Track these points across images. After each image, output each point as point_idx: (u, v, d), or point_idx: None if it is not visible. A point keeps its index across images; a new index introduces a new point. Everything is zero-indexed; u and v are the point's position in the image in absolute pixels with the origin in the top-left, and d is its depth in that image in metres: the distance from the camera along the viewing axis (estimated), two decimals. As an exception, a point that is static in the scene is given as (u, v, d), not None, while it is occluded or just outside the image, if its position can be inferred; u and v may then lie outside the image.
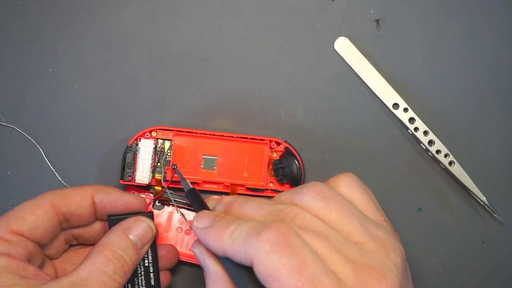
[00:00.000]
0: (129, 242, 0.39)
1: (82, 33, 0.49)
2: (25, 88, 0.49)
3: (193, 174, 0.46)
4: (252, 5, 0.50)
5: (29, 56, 0.49)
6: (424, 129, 0.49)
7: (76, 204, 0.40)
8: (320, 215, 0.33)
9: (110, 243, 0.38)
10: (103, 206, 0.41)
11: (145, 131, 0.47)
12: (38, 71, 0.49)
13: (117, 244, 0.38)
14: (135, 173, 0.46)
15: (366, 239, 0.32)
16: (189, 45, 0.50)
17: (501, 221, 0.49)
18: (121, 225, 0.40)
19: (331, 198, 0.33)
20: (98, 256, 0.37)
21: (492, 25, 0.50)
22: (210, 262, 0.35)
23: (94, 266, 0.37)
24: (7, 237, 0.37)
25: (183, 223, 0.47)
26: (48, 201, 0.39)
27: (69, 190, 0.40)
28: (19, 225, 0.37)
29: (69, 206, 0.39)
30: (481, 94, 0.50)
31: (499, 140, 0.50)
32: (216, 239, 0.33)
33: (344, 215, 0.33)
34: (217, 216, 0.35)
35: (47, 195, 0.39)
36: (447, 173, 0.49)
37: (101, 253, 0.37)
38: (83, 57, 0.49)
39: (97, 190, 0.41)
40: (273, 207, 0.34)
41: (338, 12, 0.50)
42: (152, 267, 0.42)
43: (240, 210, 0.36)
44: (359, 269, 0.30)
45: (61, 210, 0.39)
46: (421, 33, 0.50)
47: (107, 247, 0.38)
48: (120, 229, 0.39)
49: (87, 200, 0.40)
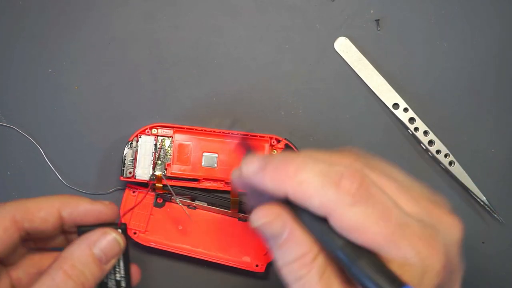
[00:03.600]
0: (91, 257, 0.36)
1: (82, 33, 0.49)
2: (25, 88, 0.49)
3: (194, 171, 0.46)
4: (252, 5, 0.50)
5: (29, 56, 0.49)
6: (424, 129, 0.49)
7: (41, 220, 0.36)
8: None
9: (72, 257, 0.35)
10: (73, 219, 0.38)
11: (146, 127, 0.47)
12: (38, 71, 0.49)
13: (79, 259, 0.35)
14: (136, 169, 0.46)
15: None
16: (189, 45, 0.50)
17: (501, 221, 0.49)
18: (86, 237, 0.37)
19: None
20: (57, 272, 0.34)
21: (492, 25, 0.50)
22: (286, 217, 0.31)
23: (53, 282, 0.34)
24: None
25: (182, 223, 0.47)
26: (9, 217, 0.35)
27: (33, 204, 0.37)
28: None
29: (32, 222, 0.36)
30: (481, 94, 0.50)
31: (499, 140, 0.50)
32: (276, 178, 0.30)
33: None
34: (270, 156, 0.32)
35: (8, 209, 0.36)
36: (447, 173, 0.49)
37: (61, 268, 0.35)
38: (83, 57, 0.49)
39: (65, 203, 0.37)
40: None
41: (338, 12, 0.50)
42: (124, 281, 0.40)
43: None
44: (431, 208, 0.31)
45: (23, 226, 0.36)
46: (421, 33, 0.50)
47: (67, 262, 0.35)
48: (83, 242, 0.36)
49: (53, 215, 0.37)
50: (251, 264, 0.46)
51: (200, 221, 0.47)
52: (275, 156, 0.32)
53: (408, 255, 0.29)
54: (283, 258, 0.31)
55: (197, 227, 0.47)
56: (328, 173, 0.30)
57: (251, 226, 0.32)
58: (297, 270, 0.31)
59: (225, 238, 0.46)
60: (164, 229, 0.46)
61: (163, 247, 0.46)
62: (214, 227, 0.47)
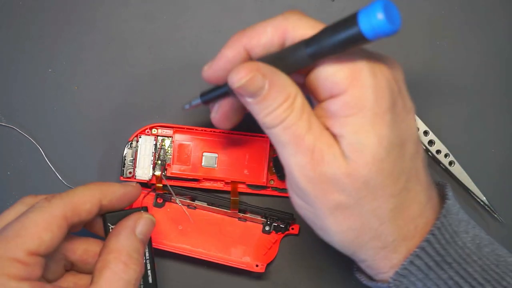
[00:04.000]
0: (139, 242, 0.38)
1: (82, 33, 0.49)
2: (25, 88, 0.49)
3: (194, 171, 0.46)
4: (252, 5, 0.50)
5: (29, 56, 0.49)
6: (424, 129, 0.49)
7: (87, 213, 0.38)
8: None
9: (124, 247, 0.37)
10: (111, 205, 0.39)
11: (146, 127, 0.47)
12: (38, 71, 0.49)
13: (131, 248, 0.37)
14: (136, 169, 0.46)
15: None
16: (189, 45, 0.50)
17: (501, 220, 0.49)
18: (127, 225, 0.39)
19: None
20: (117, 264, 0.36)
21: (492, 25, 0.50)
22: (265, 68, 0.34)
23: (115, 275, 0.36)
24: (26, 260, 0.34)
25: (182, 223, 0.47)
26: (60, 215, 0.36)
27: (78, 197, 0.38)
28: (36, 245, 0.35)
29: (79, 216, 0.37)
30: (481, 94, 0.50)
31: (499, 140, 0.50)
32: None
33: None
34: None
35: (59, 206, 0.36)
36: (447, 173, 0.49)
37: (119, 260, 0.36)
38: (83, 57, 0.49)
39: (103, 192, 0.39)
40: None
41: (338, 12, 0.50)
42: (149, 264, 0.41)
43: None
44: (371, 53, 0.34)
45: (72, 222, 0.37)
46: (421, 33, 0.50)
47: (122, 253, 0.37)
48: (128, 231, 0.38)
49: (96, 206, 0.39)
50: (251, 264, 0.46)
51: (200, 221, 0.47)
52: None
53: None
54: (266, 108, 0.34)
55: (197, 227, 0.47)
56: (272, 18, 0.36)
57: (232, 86, 0.34)
58: (280, 114, 0.33)
59: (225, 238, 0.46)
60: (164, 229, 0.46)
61: (163, 247, 0.46)
62: (214, 227, 0.47)
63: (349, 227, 0.35)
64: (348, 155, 0.33)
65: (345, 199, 0.34)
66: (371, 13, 0.29)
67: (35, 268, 0.35)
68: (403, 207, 0.35)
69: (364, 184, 0.33)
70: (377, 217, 0.34)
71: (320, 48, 0.32)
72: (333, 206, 0.34)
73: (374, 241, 0.35)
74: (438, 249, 0.35)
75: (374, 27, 0.29)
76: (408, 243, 0.35)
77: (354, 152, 0.33)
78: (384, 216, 0.34)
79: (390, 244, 0.35)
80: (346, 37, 0.31)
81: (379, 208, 0.34)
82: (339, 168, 0.33)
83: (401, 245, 0.35)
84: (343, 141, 0.33)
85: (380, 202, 0.34)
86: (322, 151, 0.33)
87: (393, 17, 0.30)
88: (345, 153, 0.33)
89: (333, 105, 0.33)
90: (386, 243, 0.35)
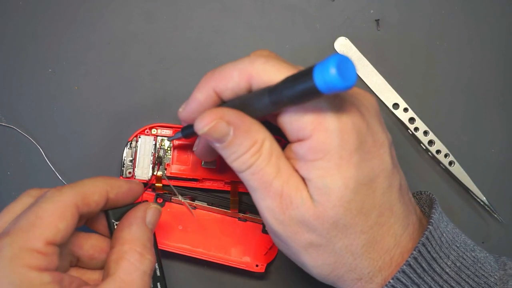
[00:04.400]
0: (150, 232, 0.39)
1: (82, 33, 0.49)
2: (25, 88, 0.49)
3: (193, 171, 0.46)
4: (252, 5, 0.50)
5: (29, 56, 0.49)
6: (424, 129, 0.49)
7: (95, 204, 0.38)
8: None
9: (139, 237, 0.37)
10: (116, 200, 0.39)
11: (145, 127, 0.47)
12: (38, 71, 0.49)
13: (145, 238, 0.38)
14: (135, 169, 0.46)
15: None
16: (189, 45, 0.50)
17: (501, 221, 0.49)
18: (137, 215, 0.39)
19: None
20: (133, 254, 0.36)
21: (492, 25, 0.50)
22: (229, 116, 0.35)
23: (132, 266, 0.36)
24: (44, 250, 0.34)
25: (183, 223, 0.47)
26: (73, 204, 0.36)
27: (88, 188, 0.37)
28: (53, 234, 0.34)
29: (89, 206, 0.37)
30: (481, 94, 0.50)
31: (499, 140, 0.50)
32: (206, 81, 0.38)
33: None
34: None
35: (71, 195, 0.36)
36: (447, 173, 0.49)
37: (134, 250, 0.36)
38: (83, 57, 0.49)
39: (110, 185, 0.39)
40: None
41: (338, 12, 0.50)
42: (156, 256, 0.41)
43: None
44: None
45: (82, 211, 0.37)
46: (421, 33, 0.50)
47: (137, 243, 0.37)
48: (139, 221, 0.39)
49: (104, 198, 0.39)
50: (251, 264, 0.46)
51: (200, 221, 0.47)
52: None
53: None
54: (234, 153, 0.35)
55: (197, 227, 0.47)
56: (240, 60, 0.36)
57: (198, 133, 0.35)
58: (247, 159, 0.34)
59: (225, 238, 0.46)
60: (164, 229, 0.46)
61: (163, 247, 0.46)
62: (214, 227, 0.47)
63: (323, 262, 0.36)
64: (316, 198, 0.34)
65: (316, 238, 0.35)
66: (325, 68, 0.29)
67: (53, 258, 0.34)
68: (375, 241, 0.35)
69: (333, 224, 0.34)
70: (350, 252, 0.35)
71: (281, 98, 0.32)
72: (306, 245, 0.35)
73: (350, 273, 0.36)
74: (413, 278, 0.35)
75: (327, 82, 0.29)
76: (384, 273, 0.36)
77: (321, 196, 0.34)
78: (357, 252, 0.35)
79: (366, 276, 0.36)
80: (303, 90, 0.31)
81: (351, 245, 0.35)
82: (307, 211, 0.34)
83: (377, 275, 0.36)
84: (310, 185, 0.34)
85: (351, 239, 0.35)
86: (290, 195, 0.34)
87: (348, 73, 0.29)
88: (313, 197, 0.34)
89: (300, 149, 0.34)
90: (361, 275, 0.36)
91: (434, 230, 0.36)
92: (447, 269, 0.36)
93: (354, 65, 0.29)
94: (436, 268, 0.36)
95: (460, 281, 0.36)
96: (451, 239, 0.37)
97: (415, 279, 0.35)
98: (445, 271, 0.36)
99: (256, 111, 0.35)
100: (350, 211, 0.34)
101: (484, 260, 0.38)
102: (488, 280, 0.37)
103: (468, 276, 0.37)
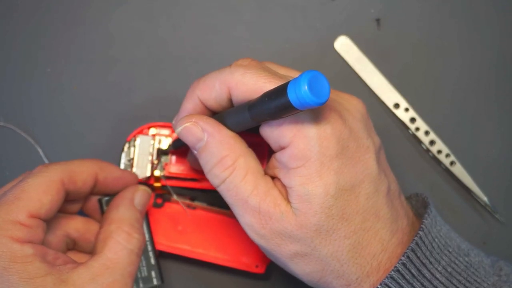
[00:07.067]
0: (138, 213, 0.39)
1: (81, 33, 0.49)
2: (24, 88, 0.49)
3: (193, 171, 0.46)
4: (252, 5, 0.50)
5: (28, 55, 0.49)
6: (425, 129, 0.48)
7: (82, 182, 0.38)
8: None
9: (125, 217, 0.38)
10: (105, 184, 0.40)
11: (144, 127, 0.46)
12: (37, 71, 0.49)
13: (132, 217, 0.38)
14: (133, 169, 0.46)
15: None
16: (189, 45, 0.49)
17: (502, 221, 0.49)
18: (125, 196, 0.39)
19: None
20: (120, 233, 0.37)
21: (492, 25, 0.50)
22: (205, 123, 0.36)
23: (119, 245, 0.36)
24: (27, 222, 0.34)
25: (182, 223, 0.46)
26: (59, 179, 0.37)
27: (76, 166, 0.38)
28: (37, 208, 0.35)
29: (75, 184, 0.38)
30: (482, 94, 0.50)
31: (500, 140, 0.49)
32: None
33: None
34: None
35: (57, 171, 0.37)
36: (448, 173, 0.49)
37: (121, 229, 0.37)
38: (83, 57, 0.49)
39: (101, 168, 0.40)
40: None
41: (339, 11, 0.50)
42: (149, 245, 0.41)
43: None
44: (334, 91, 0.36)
45: (68, 188, 0.37)
46: (421, 33, 0.50)
47: (124, 223, 0.37)
48: (127, 201, 0.39)
49: (92, 178, 0.39)
50: (251, 264, 0.46)
51: (200, 221, 0.47)
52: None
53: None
54: (207, 163, 0.35)
55: (196, 227, 0.46)
56: (221, 70, 0.37)
57: (175, 134, 0.36)
58: (220, 173, 0.35)
59: (225, 239, 0.46)
60: (163, 230, 0.46)
61: (163, 247, 0.45)
62: (214, 227, 0.46)
63: (311, 270, 0.36)
64: (296, 206, 0.34)
65: (301, 248, 0.35)
66: (297, 85, 0.30)
67: (37, 231, 0.35)
68: (361, 247, 0.35)
69: (316, 232, 0.34)
70: (337, 259, 0.35)
71: (260, 114, 0.33)
72: (291, 255, 0.35)
73: (339, 279, 0.36)
74: (402, 283, 0.35)
75: (299, 98, 0.29)
76: (372, 279, 0.36)
77: (302, 203, 0.34)
78: (343, 258, 0.35)
79: (354, 282, 0.36)
80: (279, 106, 0.31)
81: (336, 252, 0.35)
82: (289, 223, 0.34)
83: (365, 281, 0.36)
84: (292, 193, 0.34)
85: (336, 245, 0.35)
86: (268, 212, 0.34)
87: (321, 89, 0.30)
88: (293, 205, 0.34)
89: (283, 157, 0.34)
90: (350, 281, 0.36)
91: (425, 235, 0.36)
92: (438, 275, 0.36)
93: (327, 81, 0.30)
94: (426, 274, 0.36)
95: (450, 286, 0.36)
96: (443, 244, 0.37)
97: (403, 285, 0.35)
98: (435, 277, 0.36)
99: (239, 125, 0.35)
100: (331, 217, 0.34)
101: (478, 265, 0.38)
102: (481, 286, 0.37)
103: (459, 282, 0.36)
